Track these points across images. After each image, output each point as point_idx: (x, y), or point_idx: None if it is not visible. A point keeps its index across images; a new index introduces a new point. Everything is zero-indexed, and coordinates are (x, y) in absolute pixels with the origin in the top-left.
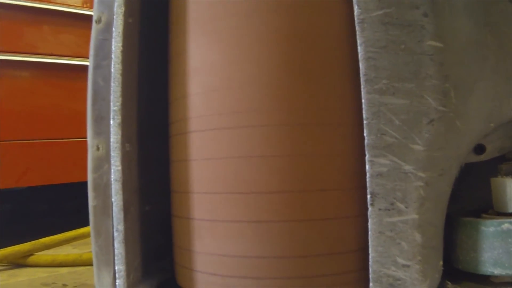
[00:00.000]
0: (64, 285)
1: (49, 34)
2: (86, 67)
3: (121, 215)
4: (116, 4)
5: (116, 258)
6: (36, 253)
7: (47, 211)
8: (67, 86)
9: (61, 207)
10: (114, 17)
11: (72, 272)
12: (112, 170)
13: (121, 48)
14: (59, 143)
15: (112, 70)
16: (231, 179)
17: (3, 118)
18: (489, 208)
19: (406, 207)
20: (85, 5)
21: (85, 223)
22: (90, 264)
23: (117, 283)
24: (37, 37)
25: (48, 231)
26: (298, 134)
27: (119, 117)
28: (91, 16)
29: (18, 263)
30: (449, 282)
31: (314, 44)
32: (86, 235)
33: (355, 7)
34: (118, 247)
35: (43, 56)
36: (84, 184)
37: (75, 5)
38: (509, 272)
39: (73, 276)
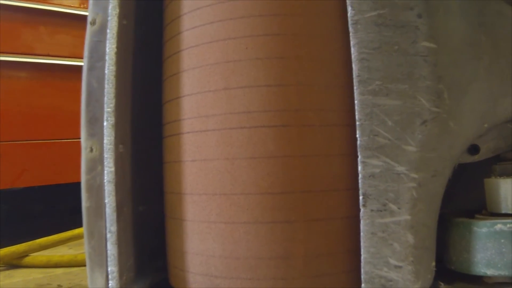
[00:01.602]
0: (59, 286)
1: (46, 35)
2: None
3: (114, 217)
4: (110, 5)
5: (109, 259)
6: (31, 254)
7: (43, 212)
8: (64, 86)
9: (57, 207)
10: (109, 18)
11: (67, 273)
12: (105, 172)
13: (115, 49)
14: (56, 143)
15: (106, 71)
16: (225, 181)
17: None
18: (482, 208)
19: (399, 208)
20: (82, 6)
21: (81, 223)
22: (85, 265)
23: (109, 284)
24: (34, 37)
25: (44, 232)
26: (291, 135)
27: (113, 118)
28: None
29: (14, 264)
30: (441, 283)
31: (308, 44)
32: (81, 236)
33: (349, 8)
34: (111, 249)
35: (40, 57)
36: (80, 184)
37: (72, 5)
38: (501, 272)
39: (68, 277)
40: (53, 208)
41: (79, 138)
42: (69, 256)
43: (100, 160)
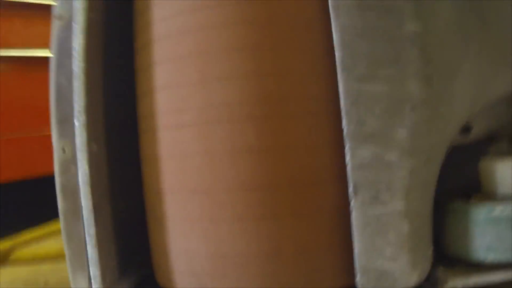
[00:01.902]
0: (46, 282)
1: (22, 27)
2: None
3: (92, 219)
4: None
5: (90, 262)
6: (17, 250)
7: (26, 205)
8: (43, 79)
9: (41, 200)
10: (75, 12)
11: (54, 269)
12: (79, 173)
13: (83, 45)
14: (38, 137)
15: (75, 68)
16: (205, 177)
17: None
18: (477, 187)
19: (391, 197)
20: None
21: None
22: None
23: (93, 287)
24: (9, 30)
25: (29, 225)
26: (273, 126)
27: (84, 117)
28: None
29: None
30: (441, 267)
31: (285, 31)
32: None
33: None
34: (91, 252)
35: (15, 49)
36: None
37: None
38: (502, 257)
39: (55, 272)
40: (39, 201)
41: None
42: (56, 250)
43: (73, 161)
